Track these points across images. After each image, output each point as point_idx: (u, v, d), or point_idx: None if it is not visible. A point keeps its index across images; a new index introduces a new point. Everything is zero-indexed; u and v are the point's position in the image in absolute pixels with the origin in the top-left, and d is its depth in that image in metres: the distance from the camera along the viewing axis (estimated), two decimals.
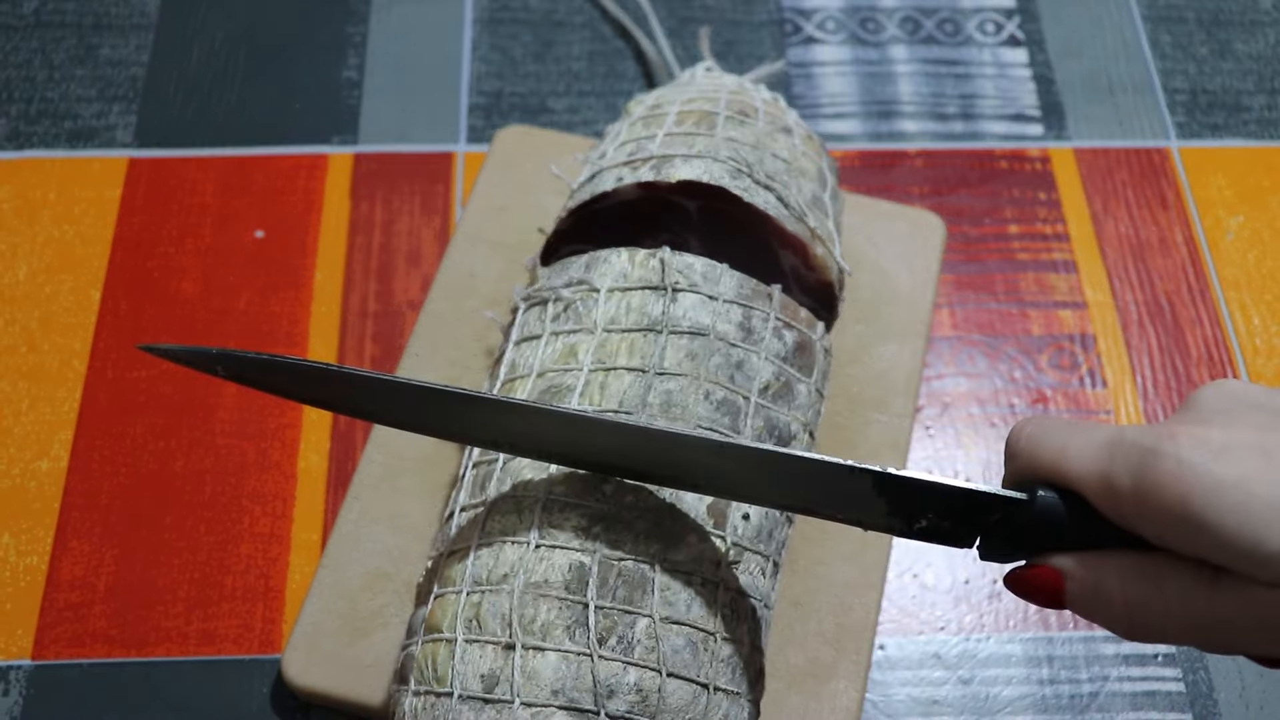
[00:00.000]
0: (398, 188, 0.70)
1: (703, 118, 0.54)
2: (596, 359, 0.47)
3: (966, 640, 0.57)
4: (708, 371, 0.46)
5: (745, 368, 0.47)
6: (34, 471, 0.60)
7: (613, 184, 0.52)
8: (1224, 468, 0.35)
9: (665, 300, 0.48)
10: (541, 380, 0.48)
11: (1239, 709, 0.55)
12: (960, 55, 0.76)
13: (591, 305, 0.48)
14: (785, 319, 0.49)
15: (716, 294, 0.48)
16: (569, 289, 0.49)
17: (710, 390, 0.46)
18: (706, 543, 0.44)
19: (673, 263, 0.48)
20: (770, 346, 0.48)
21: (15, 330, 0.64)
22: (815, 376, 0.49)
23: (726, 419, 0.46)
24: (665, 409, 0.45)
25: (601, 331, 0.48)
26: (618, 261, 0.49)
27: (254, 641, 0.56)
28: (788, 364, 0.48)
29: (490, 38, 0.76)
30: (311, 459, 0.61)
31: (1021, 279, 0.68)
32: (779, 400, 0.47)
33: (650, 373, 0.46)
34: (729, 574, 0.44)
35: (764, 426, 0.46)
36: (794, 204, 0.52)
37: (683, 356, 0.47)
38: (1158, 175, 0.72)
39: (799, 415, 0.48)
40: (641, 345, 0.47)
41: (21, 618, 0.56)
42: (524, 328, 0.50)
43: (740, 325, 0.48)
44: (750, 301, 0.48)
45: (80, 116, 0.72)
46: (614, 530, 0.43)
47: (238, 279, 0.66)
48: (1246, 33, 0.78)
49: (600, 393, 0.46)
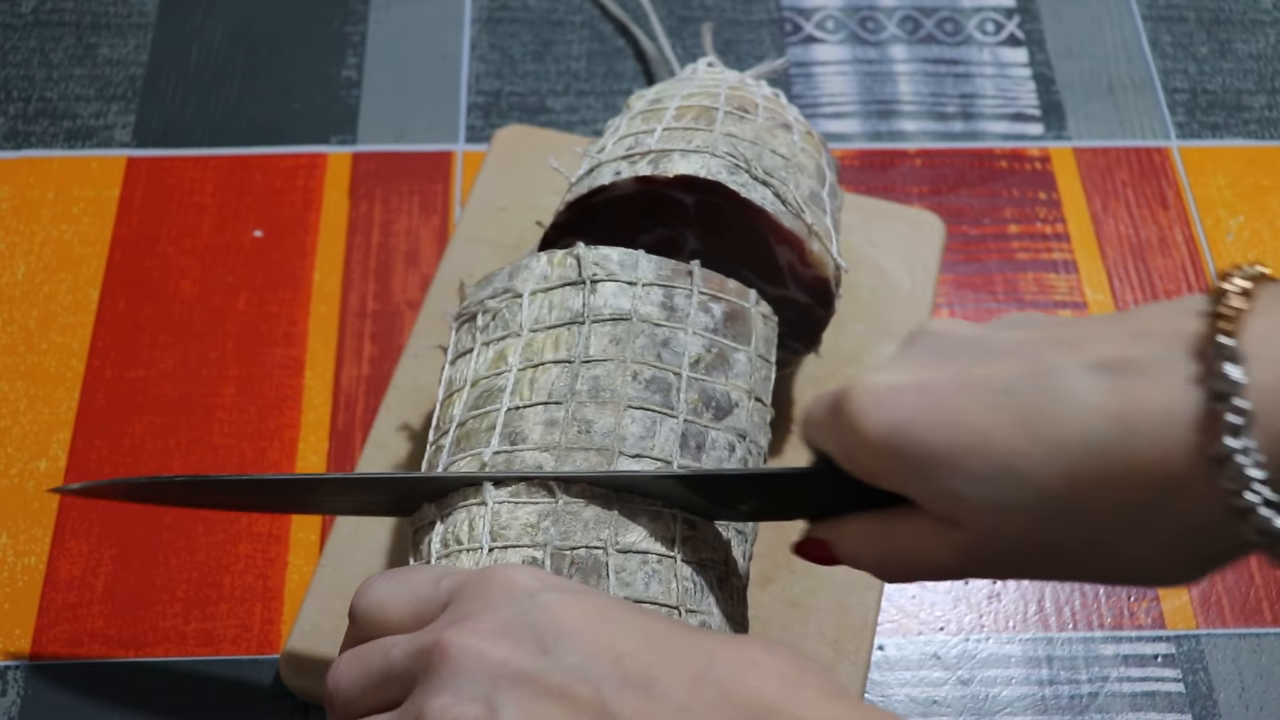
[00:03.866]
0: (396, 187, 0.70)
1: (702, 113, 0.54)
2: (524, 358, 0.48)
3: (966, 640, 0.57)
4: (634, 353, 0.47)
5: (672, 344, 0.47)
6: (32, 471, 0.60)
7: (610, 178, 0.52)
8: (885, 412, 0.36)
9: (585, 292, 0.48)
10: (475, 389, 0.48)
11: (1239, 709, 0.55)
12: (960, 55, 0.76)
13: (516, 310, 0.49)
14: (710, 292, 0.49)
15: (635, 279, 0.49)
16: (494, 299, 0.50)
17: (638, 370, 0.46)
18: (658, 521, 0.44)
19: (588, 256, 0.49)
20: (697, 320, 0.48)
21: (13, 330, 0.64)
22: (754, 343, 0.49)
23: (658, 396, 0.46)
24: (594, 394, 0.46)
25: (528, 332, 0.48)
26: (537, 265, 0.50)
27: (252, 642, 0.56)
28: (718, 335, 0.48)
29: (489, 37, 0.76)
30: (310, 459, 0.61)
31: (1021, 279, 0.67)
32: (713, 371, 0.48)
33: (576, 362, 0.47)
34: (685, 548, 0.44)
35: (699, 399, 0.47)
36: (791, 200, 0.52)
37: (607, 343, 0.47)
38: (1158, 175, 0.72)
39: (739, 383, 0.48)
40: (566, 338, 0.47)
41: (19, 618, 0.56)
42: (457, 345, 0.51)
43: (662, 305, 0.48)
44: (670, 281, 0.49)
45: (79, 116, 0.72)
46: (562, 523, 0.43)
47: (236, 278, 0.66)
48: (1247, 32, 0.77)
49: (530, 388, 0.47)
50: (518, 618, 0.35)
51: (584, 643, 0.34)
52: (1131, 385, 0.33)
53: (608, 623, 0.35)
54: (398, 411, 0.60)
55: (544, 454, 0.45)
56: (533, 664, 0.34)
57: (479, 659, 0.34)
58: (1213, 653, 0.57)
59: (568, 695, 0.33)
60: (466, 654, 0.35)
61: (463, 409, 0.48)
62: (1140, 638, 0.57)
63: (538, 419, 0.46)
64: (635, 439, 0.45)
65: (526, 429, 0.45)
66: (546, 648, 0.34)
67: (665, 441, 0.45)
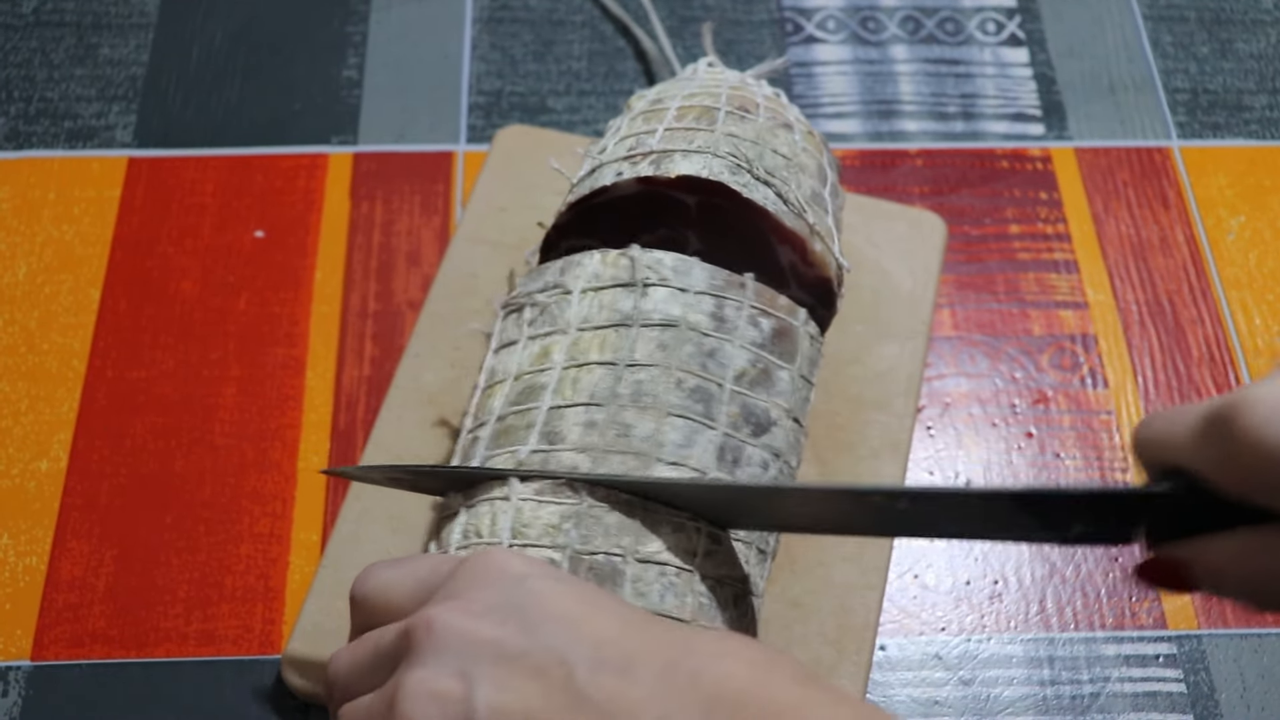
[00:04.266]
0: (398, 187, 0.70)
1: (703, 113, 0.54)
2: (569, 356, 0.47)
3: (967, 641, 0.57)
4: (679, 361, 0.47)
5: (718, 355, 0.47)
6: (33, 472, 0.60)
7: (612, 179, 0.52)
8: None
9: (636, 295, 0.48)
10: (518, 383, 0.48)
11: (1240, 710, 0.55)
12: (961, 55, 0.76)
13: (565, 307, 0.49)
14: (761, 306, 0.49)
15: (687, 286, 0.48)
16: (544, 293, 0.50)
17: (682, 379, 0.46)
18: (681, 533, 0.44)
19: (642, 259, 0.49)
20: (745, 334, 0.48)
21: (14, 330, 0.64)
22: (799, 363, 0.49)
23: (699, 405, 0.46)
24: (635, 399, 0.46)
25: (575, 330, 0.48)
26: (590, 263, 0.50)
27: (254, 642, 0.56)
28: (765, 350, 0.48)
29: (490, 37, 0.76)
30: (311, 459, 0.60)
31: (1022, 279, 0.67)
32: (756, 387, 0.47)
33: (621, 365, 0.46)
34: (706, 563, 0.44)
35: (739, 413, 0.47)
36: (793, 200, 0.52)
37: (654, 348, 0.47)
38: (1159, 175, 0.72)
39: (780, 401, 0.48)
40: (613, 340, 0.47)
41: (21, 618, 0.56)
42: (503, 334, 0.51)
43: (712, 315, 0.48)
44: (722, 292, 0.49)
45: (80, 116, 0.72)
46: (584, 526, 0.43)
47: (237, 279, 0.66)
48: (1248, 32, 0.77)
49: (572, 387, 0.46)
50: (504, 600, 0.36)
51: (565, 627, 0.35)
52: None
53: (590, 609, 0.36)
54: (399, 411, 0.60)
55: (580, 455, 0.45)
56: (513, 643, 0.35)
57: (460, 636, 0.35)
58: (1214, 653, 0.57)
59: (544, 674, 0.34)
60: (449, 631, 0.35)
61: (504, 403, 0.48)
62: (1142, 638, 0.57)
63: (577, 419, 0.45)
64: (674, 446, 0.45)
65: (565, 429, 0.45)
66: (528, 629, 0.35)
67: (703, 452, 0.45)
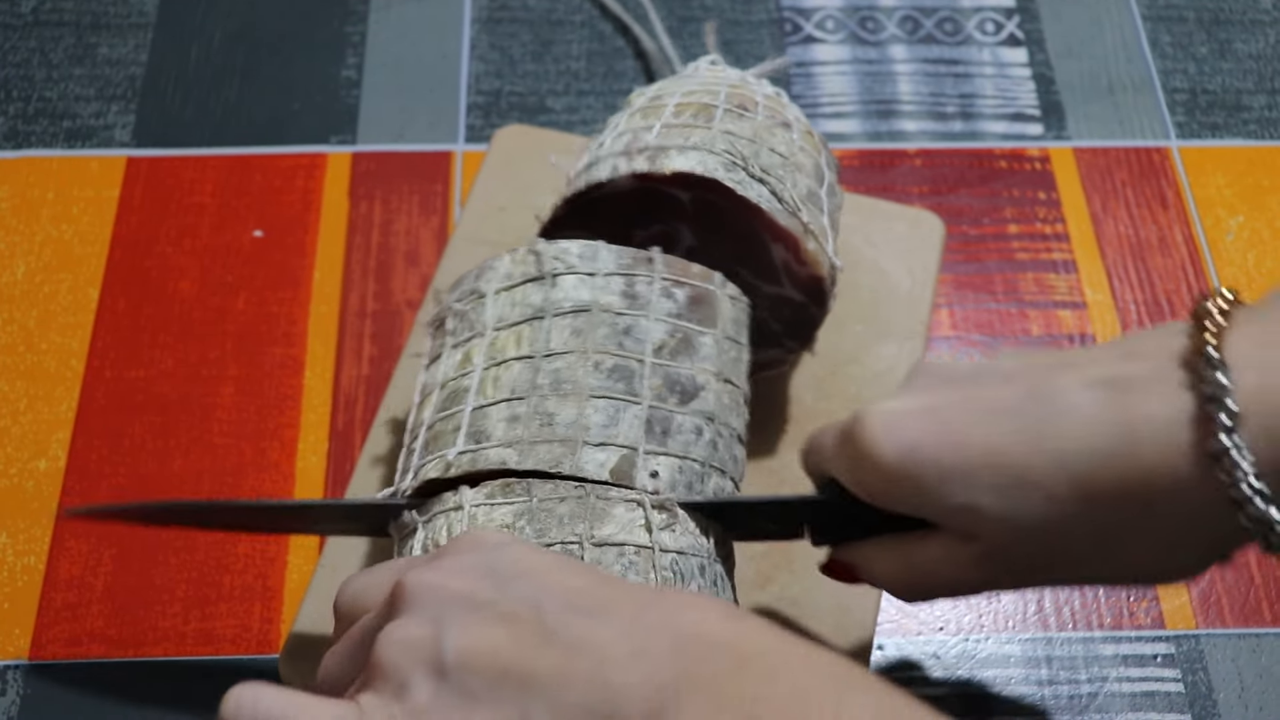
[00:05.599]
0: (396, 187, 0.70)
1: (701, 110, 0.54)
2: (488, 357, 0.48)
3: (965, 641, 0.57)
4: (595, 343, 0.47)
5: (634, 332, 0.48)
6: (32, 471, 0.60)
7: (608, 174, 0.52)
8: (899, 435, 0.39)
9: (546, 287, 0.48)
10: (443, 391, 0.49)
11: (1238, 710, 0.55)
12: (960, 55, 0.76)
13: (481, 310, 0.49)
14: (673, 277, 0.49)
15: (595, 270, 0.49)
16: (460, 301, 0.50)
17: (599, 360, 0.47)
18: (634, 511, 0.44)
19: (548, 251, 0.49)
20: (660, 307, 0.48)
21: (13, 330, 0.64)
22: (721, 325, 0.49)
23: (620, 384, 0.46)
24: (555, 387, 0.46)
25: (491, 331, 0.48)
26: (501, 264, 0.50)
27: (252, 642, 0.56)
28: (682, 320, 0.48)
29: (489, 37, 0.76)
30: (310, 459, 0.61)
31: (1021, 279, 0.67)
32: (678, 356, 0.48)
33: (538, 357, 0.47)
34: (665, 536, 0.44)
35: (663, 384, 0.47)
36: (788, 198, 0.52)
37: (568, 335, 0.47)
38: (1157, 175, 0.72)
39: (706, 366, 0.48)
40: (528, 334, 0.48)
41: (19, 617, 0.56)
42: (431, 350, 0.51)
43: (623, 294, 0.48)
44: (631, 269, 0.49)
45: (78, 116, 0.72)
46: (538, 520, 0.43)
47: (236, 278, 0.66)
48: (1247, 32, 0.77)
49: (493, 386, 0.47)
50: (479, 562, 0.36)
51: (537, 579, 0.35)
52: (1129, 398, 0.37)
53: (563, 566, 0.36)
54: (397, 412, 0.60)
55: (508, 450, 0.45)
56: (485, 594, 0.35)
57: (433, 590, 0.36)
58: (1212, 653, 0.57)
59: (514, 619, 0.34)
60: (420, 586, 0.36)
61: (432, 412, 0.48)
62: (1140, 638, 0.57)
63: (500, 415, 0.46)
64: (599, 428, 0.45)
65: (490, 427, 0.46)
66: (501, 584, 0.35)
67: (629, 429, 0.45)
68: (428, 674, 0.34)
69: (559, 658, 0.33)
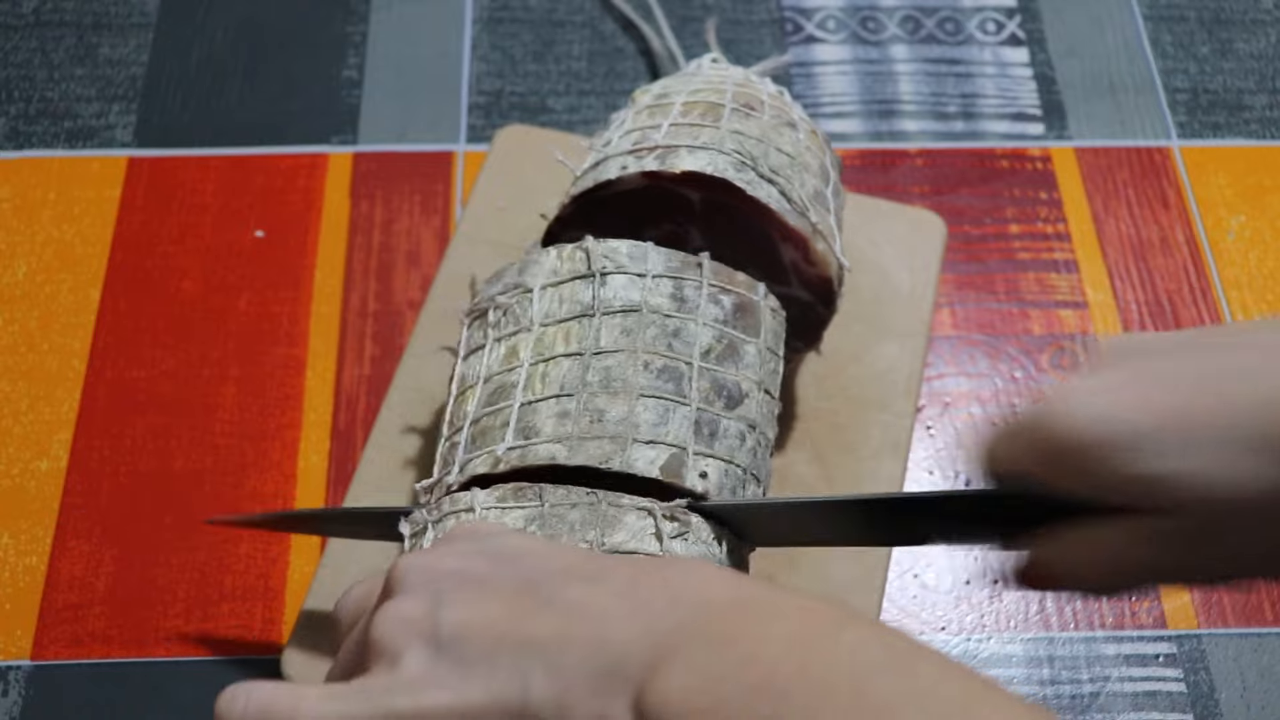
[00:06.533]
0: (397, 187, 0.70)
1: (708, 109, 0.54)
2: (536, 352, 0.48)
3: (967, 640, 0.57)
4: (644, 343, 0.47)
5: (683, 335, 0.48)
6: (33, 471, 0.60)
7: (617, 172, 0.52)
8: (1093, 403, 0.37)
9: (595, 285, 0.48)
10: (488, 385, 0.48)
11: (1240, 709, 0.55)
12: (961, 54, 0.76)
13: (527, 305, 0.49)
14: (720, 284, 0.49)
15: (644, 270, 0.49)
16: (504, 295, 0.50)
17: (649, 360, 0.47)
18: (646, 520, 0.44)
19: (598, 249, 0.49)
20: (707, 312, 0.49)
21: (15, 330, 0.64)
22: (763, 336, 0.49)
23: (670, 384, 0.46)
24: (605, 385, 0.46)
25: (539, 326, 0.49)
26: (547, 260, 0.50)
27: (253, 641, 0.56)
28: (728, 326, 0.49)
29: (490, 37, 0.76)
30: (311, 459, 0.61)
31: (1022, 278, 0.67)
32: (724, 361, 0.48)
33: (587, 354, 0.47)
34: (676, 545, 0.44)
35: (710, 387, 0.47)
36: (797, 199, 0.52)
37: (618, 334, 0.47)
38: (1159, 175, 0.72)
39: (749, 374, 0.48)
40: (577, 331, 0.48)
41: (21, 618, 0.56)
42: (469, 341, 0.51)
43: (672, 296, 0.49)
44: (680, 273, 0.49)
45: (80, 116, 0.72)
46: (549, 526, 0.43)
47: (237, 279, 0.66)
48: (1248, 32, 0.77)
49: (542, 382, 0.47)
50: (476, 547, 0.37)
51: (533, 559, 0.36)
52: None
53: (558, 549, 0.37)
54: (399, 411, 0.60)
55: (557, 445, 0.45)
56: (480, 571, 0.35)
57: (428, 569, 0.36)
58: (1214, 652, 0.57)
59: (510, 591, 0.34)
60: (416, 567, 0.36)
61: (477, 406, 0.48)
62: (1142, 637, 0.57)
63: (550, 412, 0.46)
64: (649, 426, 0.45)
65: (539, 423, 0.46)
66: (497, 563, 0.36)
67: (679, 428, 0.45)
68: (423, 646, 0.34)
69: (557, 622, 0.33)
